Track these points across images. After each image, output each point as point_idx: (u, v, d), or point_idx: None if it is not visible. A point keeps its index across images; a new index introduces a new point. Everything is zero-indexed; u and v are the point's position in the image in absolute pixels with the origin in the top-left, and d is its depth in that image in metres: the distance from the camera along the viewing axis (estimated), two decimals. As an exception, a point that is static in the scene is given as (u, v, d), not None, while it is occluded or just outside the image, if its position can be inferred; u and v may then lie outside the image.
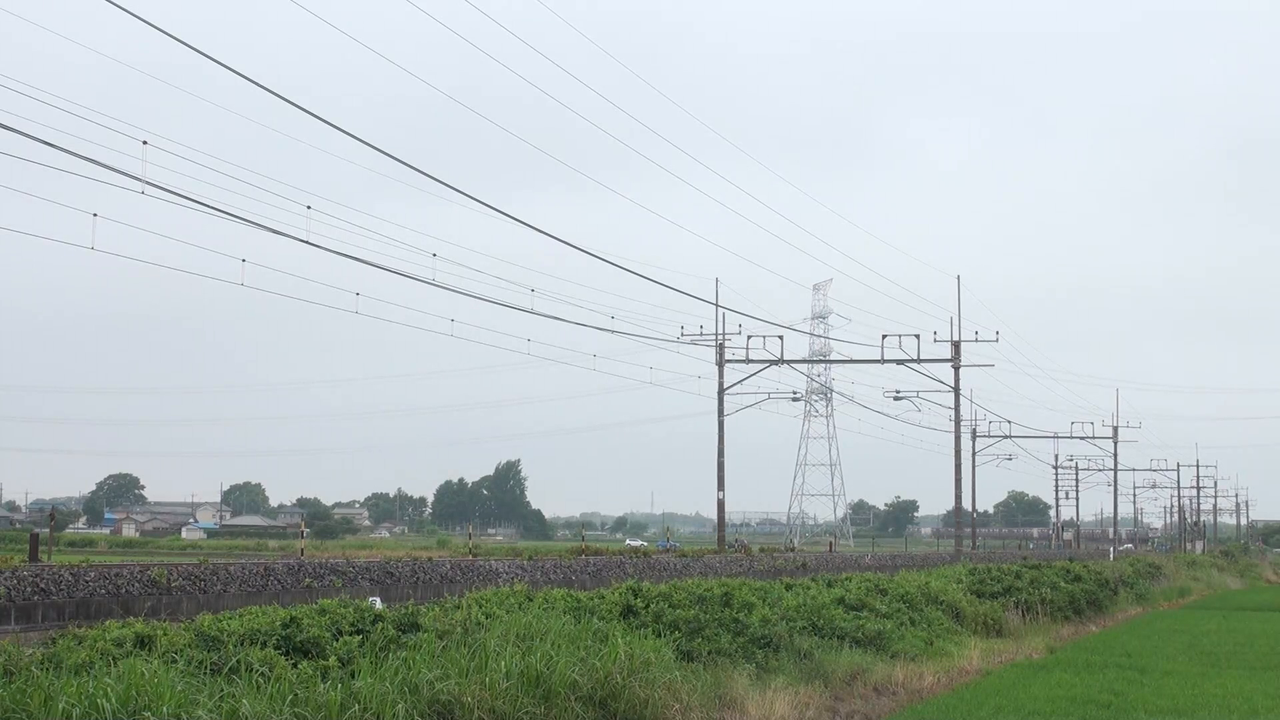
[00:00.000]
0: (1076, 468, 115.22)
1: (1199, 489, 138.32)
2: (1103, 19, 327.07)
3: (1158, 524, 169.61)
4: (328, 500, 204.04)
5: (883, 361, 53.15)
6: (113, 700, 10.22)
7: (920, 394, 60.03)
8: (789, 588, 25.74)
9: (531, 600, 18.24)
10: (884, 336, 52.99)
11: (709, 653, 17.93)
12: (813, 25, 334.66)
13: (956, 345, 55.83)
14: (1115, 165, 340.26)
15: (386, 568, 22.73)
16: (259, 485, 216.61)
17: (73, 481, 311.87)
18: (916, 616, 26.66)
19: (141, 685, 10.51)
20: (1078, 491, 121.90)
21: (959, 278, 59.81)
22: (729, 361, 52.55)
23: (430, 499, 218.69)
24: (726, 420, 52.31)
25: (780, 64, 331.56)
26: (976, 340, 57.05)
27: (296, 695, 11.41)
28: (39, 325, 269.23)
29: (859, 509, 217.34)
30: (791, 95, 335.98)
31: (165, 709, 10.25)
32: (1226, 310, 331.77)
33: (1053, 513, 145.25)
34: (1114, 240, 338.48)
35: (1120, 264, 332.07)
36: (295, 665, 12.26)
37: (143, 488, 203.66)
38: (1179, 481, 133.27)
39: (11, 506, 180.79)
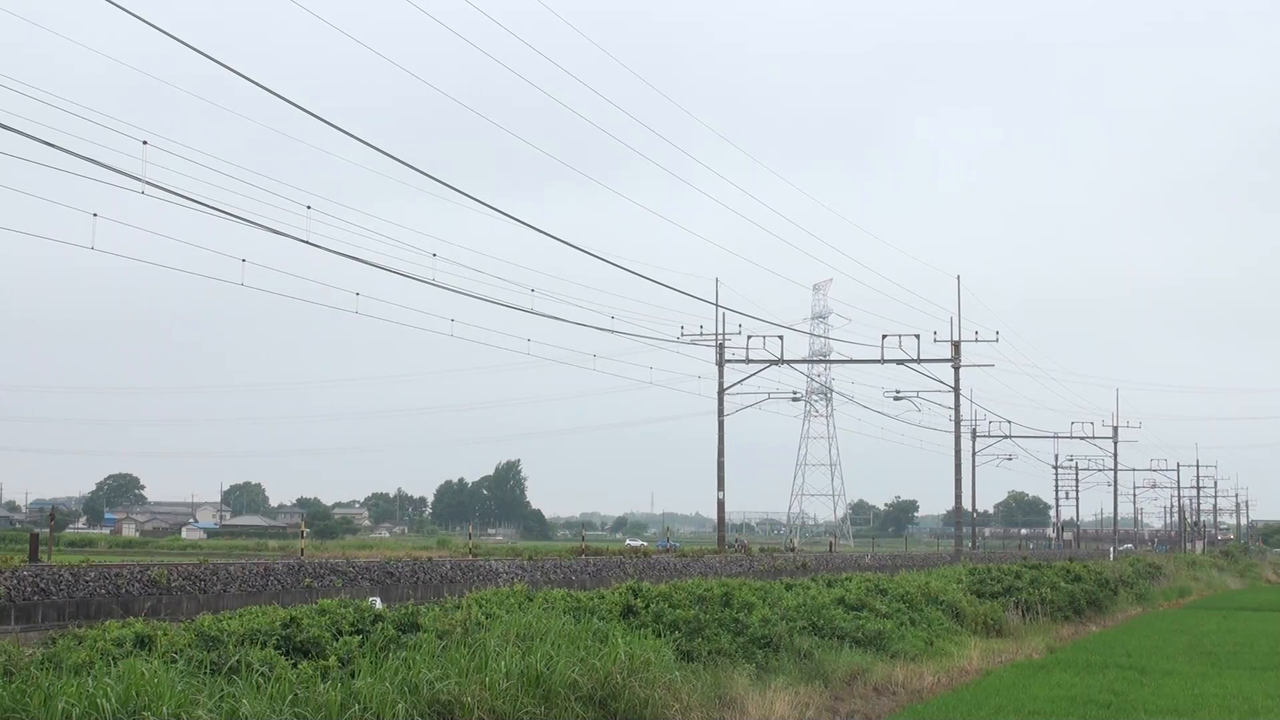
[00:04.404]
0: (1076, 468, 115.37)
1: (1199, 489, 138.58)
2: (1113, 23, 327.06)
3: (1158, 524, 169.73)
4: (328, 500, 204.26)
5: (883, 361, 53.16)
6: (113, 700, 10.22)
7: (920, 394, 60.13)
8: (789, 588, 25.73)
9: (531, 600, 18.24)
10: (884, 336, 53.05)
11: (709, 653, 17.93)
12: (822, 27, 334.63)
13: (956, 345, 55.84)
14: (1124, 169, 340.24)
15: (386, 568, 22.73)
16: (259, 485, 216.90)
17: (73, 481, 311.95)
18: (916, 616, 26.66)
19: (141, 685, 10.51)
20: (1078, 491, 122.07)
21: (959, 278, 59.91)
22: (729, 361, 52.56)
23: (430, 499, 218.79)
24: (726, 420, 52.37)
25: (788, 64, 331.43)
26: (976, 340, 57.13)
27: (296, 695, 11.41)
28: (39, 325, 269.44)
29: (859, 509, 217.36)
30: (798, 96, 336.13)
31: (165, 709, 10.25)
32: (1228, 311, 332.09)
33: (1053, 513, 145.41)
34: (1115, 241, 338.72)
35: (1121, 265, 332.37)
36: (295, 665, 12.26)
37: (143, 488, 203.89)
38: (1179, 481, 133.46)
39: (11, 506, 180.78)
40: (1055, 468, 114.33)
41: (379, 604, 16.76)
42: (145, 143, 21.80)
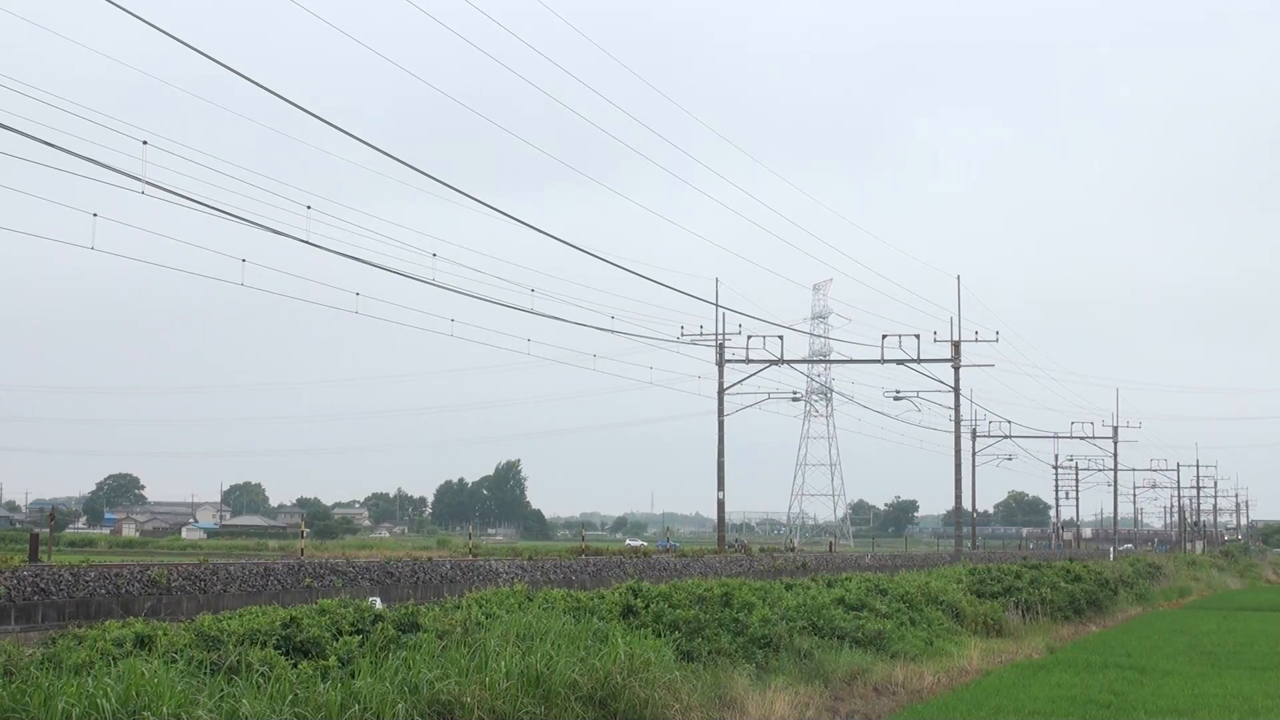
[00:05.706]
0: (1076, 468, 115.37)
1: (1199, 489, 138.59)
2: (1113, 23, 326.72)
3: (1158, 524, 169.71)
4: (328, 500, 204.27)
5: (883, 361, 53.15)
6: (113, 700, 10.22)
7: (920, 394, 60.11)
8: (789, 588, 25.73)
9: (531, 600, 18.24)
10: (884, 336, 53.03)
11: (709, 653, 17.93)
12: (822, 27, 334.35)
13: (956, 345, 55.83)
14: (1125, 168, 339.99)
15: (386, 568, 22.74)
16: (259, 485, 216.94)
17: (73, 481, 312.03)
18: (916, 616, 26.66)
19: (141, 685, 10.51)
20: (1078, 491, 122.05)
21: (959, 277, 59.89)
22: (729, 361, 52.55)
23: (430, 499, 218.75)
24: (726, 420, 52.36)
25: (788, 64, 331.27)
26: (976, 340, 57.11)
27: (296, 695, 11.41)
28: (39, 325, 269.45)
29: (859, 509, 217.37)
30: (798, 96, 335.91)
31: (165, 709, 10.25)
32: (1229, 311, 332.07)
33: (1053, 513, 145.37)
34: (1116, 241, 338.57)
35: (1122, 264, 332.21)
36: (295, 665, 12.26)
37: (143, 488, 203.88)
38: (1179, 481, 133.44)
39: (11, 506, 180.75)
40: (1055, 468, 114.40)
41: (379, 604, 16.76)
42: (145, 143, 21.81)
